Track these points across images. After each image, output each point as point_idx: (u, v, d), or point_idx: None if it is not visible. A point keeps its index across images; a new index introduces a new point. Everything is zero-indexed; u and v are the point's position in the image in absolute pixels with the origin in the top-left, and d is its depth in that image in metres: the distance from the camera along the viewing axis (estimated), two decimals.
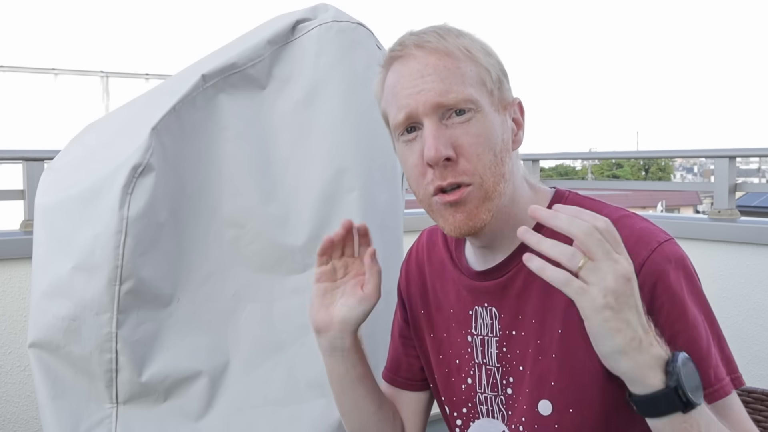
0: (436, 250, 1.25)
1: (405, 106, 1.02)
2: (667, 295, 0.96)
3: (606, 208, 1.07)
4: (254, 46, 1.54)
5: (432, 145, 0.99)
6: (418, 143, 1.02)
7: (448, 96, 1.00)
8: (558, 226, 0.85)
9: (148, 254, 1.38)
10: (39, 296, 1.43)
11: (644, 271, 0.96)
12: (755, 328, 2.51)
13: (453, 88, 1.00)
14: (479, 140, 1.01)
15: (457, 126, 1.00)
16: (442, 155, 0.99)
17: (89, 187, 1.40)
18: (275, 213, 1.54)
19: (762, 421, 1.28)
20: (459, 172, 1.00)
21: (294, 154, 1.57)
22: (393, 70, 1.05)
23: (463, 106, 1.00)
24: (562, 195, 1.12)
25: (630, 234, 0.99)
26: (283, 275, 1.55)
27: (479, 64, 1.03)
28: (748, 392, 1.30)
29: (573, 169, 34.97)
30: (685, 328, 0.96)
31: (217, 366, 1.49)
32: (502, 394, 1.12)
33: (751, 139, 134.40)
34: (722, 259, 2.61)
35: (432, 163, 1.00)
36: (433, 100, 1.00)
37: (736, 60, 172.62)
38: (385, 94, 1.07)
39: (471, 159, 1.00)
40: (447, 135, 1.00)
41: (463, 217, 1.02)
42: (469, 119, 1.01)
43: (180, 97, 1.44)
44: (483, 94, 1.03)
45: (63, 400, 1.42)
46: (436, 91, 1.00)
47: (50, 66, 13.67)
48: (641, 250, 0.98)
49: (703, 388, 0.90)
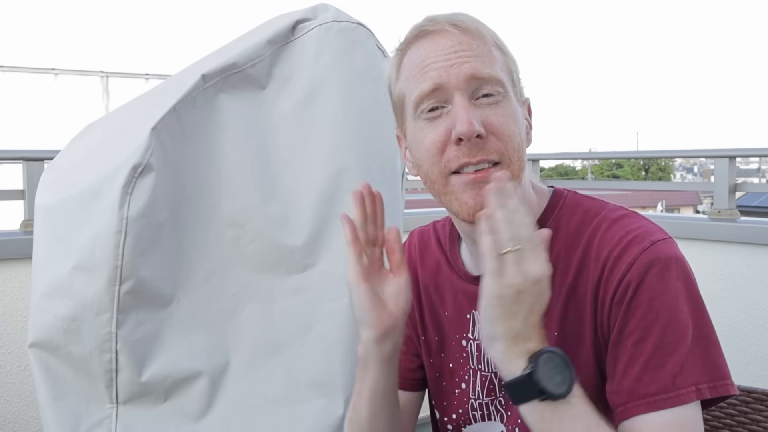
0: (429, 252, 1.23)
1: (435, 78, 0.99)
2: (646, 297, 0.95)
3: (606, 207, 1.06)
4: (254, 46, 1.54)
5: (465, 119, 0.96)
6: (442, 120, 1.00)
7: (483, 71, 0.98)
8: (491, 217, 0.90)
9: (148, 254, 1.38)
10: (39, 296, 1.43)
11: (632, 270, 0.95)
12: (755, 328, 2.51)
13: (487, 66, 0.99)
14: (509, 121, 1.00)
15: (486, 107, 0.99)
16: (475, 129, 0.96)
17: (89, 187, 1.40)
18: (275, 213, 1.54)
19: (762, 421, 1.28)
20: (489, 149, 0.98)
21: (294, 154, 1.57)
22: (419, 46, 1.02)
23: (494, 86, 0.99)
24: (561, 195, 1.11)
25: (626, 233, 0.99)
26: (283, 275, 1.55)
27: (507, 54, 1.04)
28: (748, 392, 1.30)
29: (573, 169, 34.96)
30: (662, 328, 0.94)
31: (217, 366, 1.49)
32: (501, 396, 1.11)
33: (751, 139, 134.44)
34: (722, 259, 2.61)
35: (465, 137, 0.96)
36: (467, 71, 0.98)
37: (736, 60, 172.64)
38: (406, 71, 1.04)
39: (502, 138, 0.99)
40: (478, 113, 0.98)
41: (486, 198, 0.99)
42: (498, 102, 0.99)
43: (180, 97, 1.44)
44: (509, 82, 1.02)
45: (63, 400, 1.42)
46: (470, 65, 0.98)
47: (50, 66, 13.67)
48: (633, 249, 0.97)
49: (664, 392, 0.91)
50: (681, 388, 0.92)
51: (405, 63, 1.05)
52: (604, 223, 1.03)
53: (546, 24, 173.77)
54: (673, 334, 0.94)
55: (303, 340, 1.54)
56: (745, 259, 2.55)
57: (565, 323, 1.02)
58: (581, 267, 1.01)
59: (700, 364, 0.94)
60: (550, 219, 1.07)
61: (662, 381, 0.92)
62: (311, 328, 1.56)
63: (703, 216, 3.17)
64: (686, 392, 0.92)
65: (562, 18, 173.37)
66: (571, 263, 1.03)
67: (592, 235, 1.02)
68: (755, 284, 2.52)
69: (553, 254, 1.03)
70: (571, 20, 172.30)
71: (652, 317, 0.94)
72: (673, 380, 0.92)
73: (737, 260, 2.57)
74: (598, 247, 1.01)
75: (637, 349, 0.94)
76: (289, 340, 1.54)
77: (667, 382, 0.92)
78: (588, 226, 1.04)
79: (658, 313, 0.94)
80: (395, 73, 1.07)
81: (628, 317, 0.95)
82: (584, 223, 1.05)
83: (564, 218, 1.07)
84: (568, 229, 1.05)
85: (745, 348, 2.50)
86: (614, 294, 0.97)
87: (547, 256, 0.91)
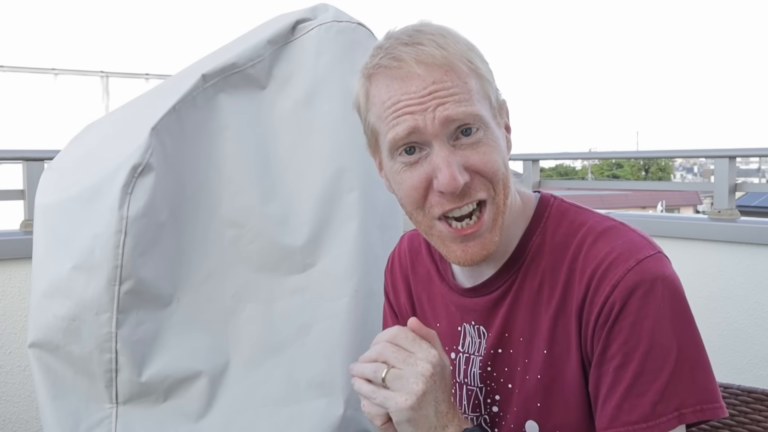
0: (420, 260, 1.20)
1: (410, 121, 0.93)
2: (629, 322, 0.92)
3: (592, 219, 1.03)
4: (254, 46, 1.54)
5: (448, 174, 0.92)
6: (421, 166, 0.95)
7: (458, 111, 0.92)
8: (355, 372, 0.97)
9: (148, 254, 1.38)
10: (39, 296, 1.43)
11: (616, 293, 0.93)
12: (755, 328, 2.51)
13: (463, 104, 0.92)
14: (492, 156, 0.95)
15: (467, 147, 0.94)
16: (460, 184, 0.93)
17: (89, 187, 1.40)
18: (275, 213, 1.54)
19: (762, 421, 1.28)
20: (475, 191, 0.95)
21: (294, 154, 1.57)
22: (388, 85, 0.95)
23: (472, 123, 0.94)
24: (547, 203, 1.07)
25: (612, 249, 0.96)
26: (283, 275, 1.55)
27: (482, 75, 0.97)
28: (748, 392, 1.29)
29: (573, 169, 34.96)
30: (643, 355, 0.92)
31: (217, 366, 1.49)
32: (486, 413, 1.09)
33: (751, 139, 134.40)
34: (722, 259, 2.61)
35: (450, 192, 0.93)
36: (442, 116, 0.92)
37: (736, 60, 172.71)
38: (376, 107, 0.97)
39: (487, 175, 0.95)
40: (459, 157, 0.94)
41: (478, 248, 0.97)
42: (479, 140, 0.94)
43: (180, 97, 1.44)
44: (487, 108, 0.97)
45: (63, 400, 1.42)
46: (445, 107, 0.92)
47: (50, 66, 13.65)
48: (618, 268, 0.94)
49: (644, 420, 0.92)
50: (662, 416, 0.91)
51: (373, 97, 0.98)
52: (590, 237, 0.99)
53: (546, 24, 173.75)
54: (654, 361, 0.92)
55: (303, 340, 1.54)
56: (745, 259, 2.55)
57: (554, 342, 1.00)
58: (568, 283, 0.99)
59: (685, 388, 0.92)
60: (536, 232, 1.04)
61: (642, 409, 0.91)
62: (311, 328, 1.56)
63: (703, 216, 3.16)
64: (667, 419, 0.91)
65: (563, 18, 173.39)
66: (558, 279, 1.00)
67: (578, 249, 0.99)
68: (755, 284, 2.52)
69: (539, 271, 1.02)
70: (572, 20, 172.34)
71: (634, 342, 0.92)
72: (654, 408, 0.91)
73: (737, 260, 2.57)
74: (583, 263, 0.98)
75: (618, 374, 0.93)
76: (289, 340, 1.54)
77: (647, 411, 0.91)
78: (573, 238, 1.01)
79: (639, 339, 0.92)
80: (364, 102, 1.00)
81: (610, 340, 0.94)
82: (570, 234, 1.02)
83: (550, 230, 1.04)
84: (554, 241, 1.03)
85: (745, 348, 2.50)
86: (598, 315, 0.95)
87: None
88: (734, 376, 2.49)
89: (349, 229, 1.58)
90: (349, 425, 1.54)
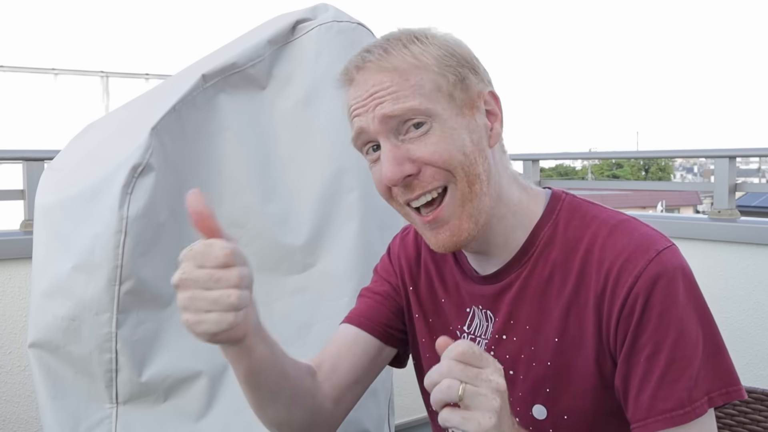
0: None
1: (358, 123, 1.00)
2: (657, 311, 0.95)
3: (605, 213, 1.04)
4: (254, 46, 1.54)
5: (387, 168, 0.97)
6: (380, 162, 1.00)
7: (395, 108, 0.97)
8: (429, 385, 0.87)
9: (148, 254, 1.38)
10: (39, 296, 1.43)
11: (639, 283, 0.95)
12: (755, 328, 2.51)
13: (400, 100, 0.97)
14: (442, 146, 0.97)
15: (415, 140, 0.97)
16: (398, 176, 0.97)
17: (89, 187, 1.40)
18: (275, 213, 1.54)
19: (762, 421, 1.28)
20: (427, 181, 0.98)
21: (294, 154, 1.57)
22: (347, 91, 1.04)
23: (414, 116, 0.97)
24: (559, 198, 1.08)
25: (628, 242, 0.98)
26: (283, 275, 1.55)
27: (431, 70, 0.99)
28: (749, 392, 1.29)
29: (573, 169, 34.97)
30: (673, 342, 0.94)
31: (217, 366, 1.49)
32: None
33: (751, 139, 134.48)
34: (722, 259, 2.61)
35: (392, 184, 0.98)
36: (379, 114, 0.97)
37: (736, 60, 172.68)
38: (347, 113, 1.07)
39: (438, 164, 0.97)
40: (404, 151, 0.97)
41: (447, 235, 1.00)
42: (427, 131, 0.97)
43: (180, 97, 1.44)
44: (439, 101, 0.98)
45: (63, 400, 1.42)
46: (382, 106, 0.97)
47: (50, 66, 13.66)
48: (639, 259, 0.96)
49: (680, 407, 0.92)
50: (696, 401, 0.94)
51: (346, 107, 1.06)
52: (604, 229, 1.01)
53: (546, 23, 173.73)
54: (684, 348, 0.94)
55: (303, 340, 1.54)
56: (745, 259, 2.55)
57: (566, 331, 1.01)
58: (582, 275, 1.00)
59: (712, 374, 0.96)
60: (547, 225, 1.05)
61: (678, 396, 0.93)
62: (311, 328, 1.56)
63: (703, 216, 3.17)
64: (700, 404, 0.94)
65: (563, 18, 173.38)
66: (570, 271, 1.01)
67: (592, 241, 1.01)
68: (755, 284, 2.52)
69: (550, 261, 1.03)
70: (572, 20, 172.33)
71: (663, 332, 0.94)
72: (689, 394, 0.94)
73: (737, 260, 2.57)
74: (599, 255, 0.99)
75: (650, 364, 0.94)
76: (289, 340, 1.54)
77: (683, 397, 0.93)
78: (586, 231, 1.02)
79: (668, 327, 0.94)
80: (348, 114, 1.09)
81: (638, 332, 0.95)
82: (582, 227, 1.03)
83: (561, 223, 1.05)
84: (566, 234, 1.04)
85: (745, 348, 2.50)
86: (622, 307, 0.96)
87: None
88: None
89: (349, 229, 1.58)
90: (350, 425, 1.54)
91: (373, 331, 1.20)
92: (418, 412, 2.48)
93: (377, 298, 1.24)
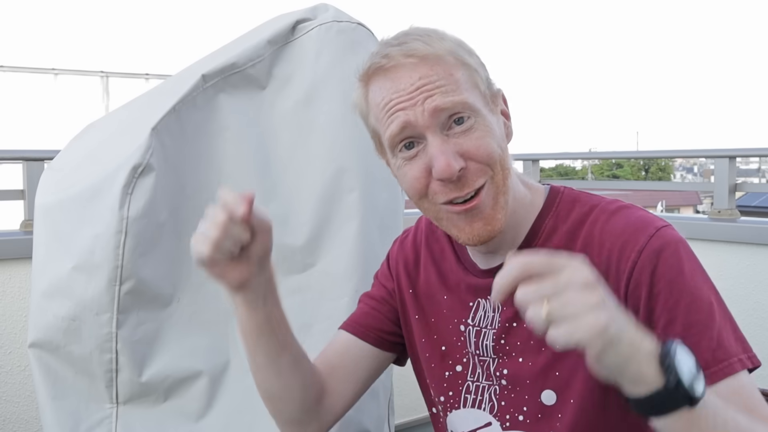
0: (436, 238, 1.24)
1: (402, 117, 0.99)
2: (666, 279, 0.96)
3: (603, 201, 1.07)
4: (254, 46, 1.54)
5: (444, 161, 0.97)
6: (420, 158, 1.00)
7: (446, 100, 0.97)
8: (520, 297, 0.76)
9: (148, 254, 1.38)
10: (39, 296, 1.43)
11: (643, 257, 0.97)
12: (755, 328, 2.51)
13: (450, 93, 0.98)
14: (486, 141, 1.00)
15: (460, 135, 0.99)
16: (455, 170, 0.97)
17: (89, 187, 1.40)
18: (275, 213, 1.54)
19: None
20: (473, 177, 0.99)
21: (294, 154, 1.57)
22: (380, 85, 1.02)
23: (462, 112, 0.99)
24: (557, 192, 1.11)
25: (627, 224, 1.01)
26: (283, 275, 1.55)
27: (469, 66, 1.01)
28: None
29: (573, 169, 34.96)
30: (686, 307, 0.95)
31: (217, 366, 1.49)
32: (497, 384, 1.12)
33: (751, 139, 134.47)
34: (722, 259, 2.61)
35: (446, 178, 0.98)
36: (431, 107, 0.97)
37: (736, 60, 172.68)
38: (374, 110, 1.04)
39: (482, 160, 0.99)
40: (452, 145, 0.98)
41: (481, 224, 1.01)
42: (470, 126, 0.99)
43: (180, 97, 1.44)
44: (478, 97, 1.01)
45: (63, 400, 1.42)
46: (433, 99, 0.98)
47: (50, 66, 13.67)
48: (639, 236, 0.98)
49: (706, 368, 0.86)
50: (721, 362, 0.93)
51: (371, 100, 1.04)
52: (603, 215, 1.04)
53: (546, 23, 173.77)
54: (698, 312, 0.95)
55: (303, 340, 1.54)
56: (745, 259, 2.55)
57: None
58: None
59: (731, 336, 0.96)
60: (548, 217, 1.08)
61: (702, 359, 0.89)
62: (311, 328, 1.56)
63: (703, 216, 3.17)
64: (729, 364, 0.93)
65: (563, 17, 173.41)
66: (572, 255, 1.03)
67: (591, 227, 1.04)
68: (755, 284, 2.52)
69: (553, 249, 1.05)
70: (572, 20, 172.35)
71: (675, 299, 0.95)
72: (713, 355, 0.93)
73: (737, 260, 2.57)
74: (599, 239, 1.02)
75: (667, 334, 0.95)
76: None
77: (708, 358, 0.92)
78: (587, 218, 1.05)
79: (680, 294, 0.95)
80: (365, 107, 1.06)
81: (652, 305, 0.96)
82: (583, 215, 1.06)
83: (562, 214, 1.08)
84: (566, 226, 1.07)
85: None
86: (628, 281, 0.98)
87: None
88: None
89: (349, 229, 1.58)
90: (350, 425, 1.54)
91: (367, 338, 1.25)
92: (418, 412, 2.48)
93: (372, 303, 1.28)
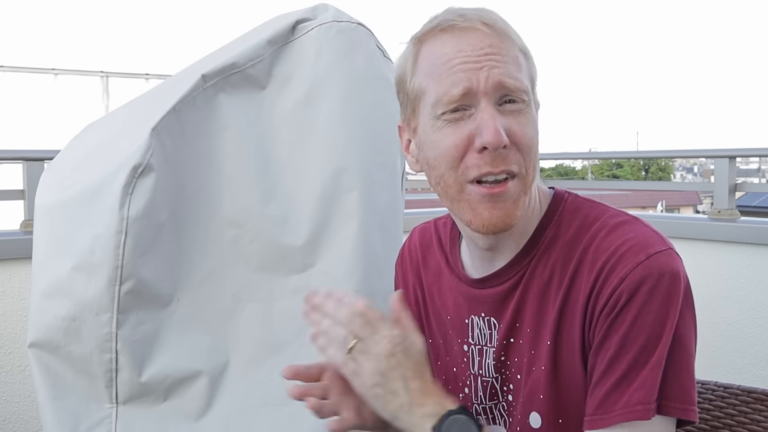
0: (431, 252, 1.20)
1: (464, 80, 0.94)
2: (631, 315, 0.94)
3: (607, 212, 1.04)
4: (254, 46, 1.54)
5: (493, 128, 0.93)
6: (465, 124, 0.95)
7: (509, 79, 0.94)
8: (325, 313, 1.02)
9: (148, 254, 1.38)
10: (39, 296, 1.43)
11: (623, 285, 0.94)
12: (755, 328, 2.51)
13: (515, 73, 0.96)
14: (529, 132, 0.98)
15: (509, 115, 0.96)
16: (503, 140, 0.93)
17: (89, 187, 1.41)
18: (275, 213, 1.54)
19: (762, 421, 1.28)
20: (511, 160, 0.96)
21: (294, 154, 1.57)
22: (444, 41, 0.97)
23: (520, 95, 0.96)
24: (561, 198, 1.08)
25: (622, 243, 0.97)
26: (283, 275, 1.55)
27: (530, 61, 1.01)
28: (748, 392, 1.29)
29: (573, 169, 34.93)
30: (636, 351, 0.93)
31: (217, 366, 1.49)
32: (504, 401, 1.10)
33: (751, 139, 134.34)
34: (722, 259, 2.61)
35: (492, 147, 0.93)
36: (496, 77, 0.94)
37: (735, 60, 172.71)
38: (426, 65, 0.98)
39: (523, 149, 0.97)
40: (502, 121, 0.95)
41: (501, 213, 0.98)
42: (521, 110, 0.97)
43: (180, 97, 1.44)
44: (530, 90, 1.00)
45: (63, 400, 1.42)
46: (500, 70, 0.94)
47: (50, 66, 13.68)
48: (628, 261, 0.95)
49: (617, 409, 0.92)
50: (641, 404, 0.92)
51: (425, 56, 0.99)
52: (603, 230, 1.00)
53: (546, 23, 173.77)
54: (647, 354, 0.93)
55: (303, 340, 1.54)
56: (745, 259, 2.55)
57: (559, 333, 1.00)
58: (576, 274, 1.00)
59: (669, 383, 0.94)
60: (549, 226, 1.05)
61: (628, 398, 0.92)
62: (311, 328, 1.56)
63: (703, 216, 3.17)
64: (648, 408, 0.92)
65: (563, 18, 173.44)
66: (566, 272, 1.01)
67: (589, 242, 1.00)
68: (755, 284, 2.52)
69: (551, 261, 1.02)
70: (572, 20, 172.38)
71: (633, 336, 0.93)
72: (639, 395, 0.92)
73: (737, 260, 2.57)
74: (593, 256, 0.99)
75: (611, 365, 0.94)
76: (289, 340, 1.54)
77: (632, 398, 0.92)
78: (586, 232, 1.02)
79: (639, 333, 0.93)
80: (411, 65, 1.00)
81: (611, 331, 0.94)
82: (583, 229, 1.02)
83: (563, 225, 1.04)
84: (566, 237, 1.03)
85: (745, 348, 2.50)
86: (604, 306, 0.95)
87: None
88: (734, 376, 2.49)
89: (349, 229, 1.57)
90: None
91: None
92: None
93: None
